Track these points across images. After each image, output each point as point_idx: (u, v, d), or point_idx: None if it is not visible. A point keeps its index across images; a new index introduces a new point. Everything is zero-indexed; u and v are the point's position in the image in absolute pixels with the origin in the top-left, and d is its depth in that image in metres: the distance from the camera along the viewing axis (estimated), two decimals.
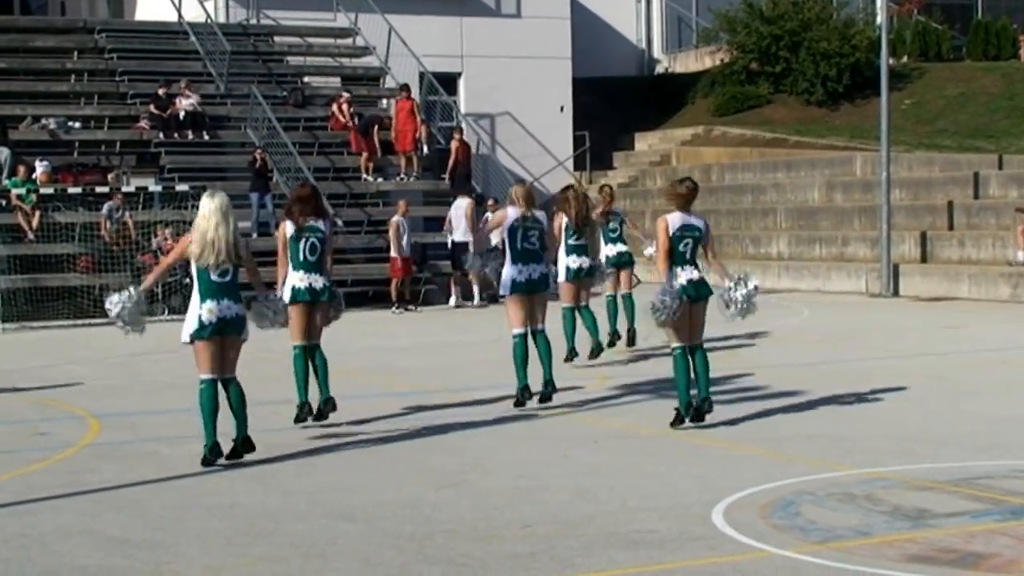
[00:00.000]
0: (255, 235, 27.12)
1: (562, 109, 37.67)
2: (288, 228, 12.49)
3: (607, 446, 11.61)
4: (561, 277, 15.38)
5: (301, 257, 12.40)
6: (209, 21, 32.67)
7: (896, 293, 26.28)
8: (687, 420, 12.08)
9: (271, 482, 10.39)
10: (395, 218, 26.64)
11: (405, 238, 26.45)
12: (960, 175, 28.99)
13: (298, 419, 12.56)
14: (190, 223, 23.80)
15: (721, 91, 39.70)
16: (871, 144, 31.85)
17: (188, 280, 11.76)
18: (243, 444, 11.00)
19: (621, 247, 18.10)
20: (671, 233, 12.00)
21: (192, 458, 11.10)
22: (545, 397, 13.25)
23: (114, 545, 8.53)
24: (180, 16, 33.19)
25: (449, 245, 27.42)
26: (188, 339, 10.86)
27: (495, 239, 15.05)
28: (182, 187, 26.09)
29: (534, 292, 13.18)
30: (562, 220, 15.80)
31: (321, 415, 12.63)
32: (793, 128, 36.92)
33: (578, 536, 8.49)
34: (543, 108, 37.14)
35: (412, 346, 19.74)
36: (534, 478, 10.30)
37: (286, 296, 12.26)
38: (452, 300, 27.03)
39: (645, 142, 39.38)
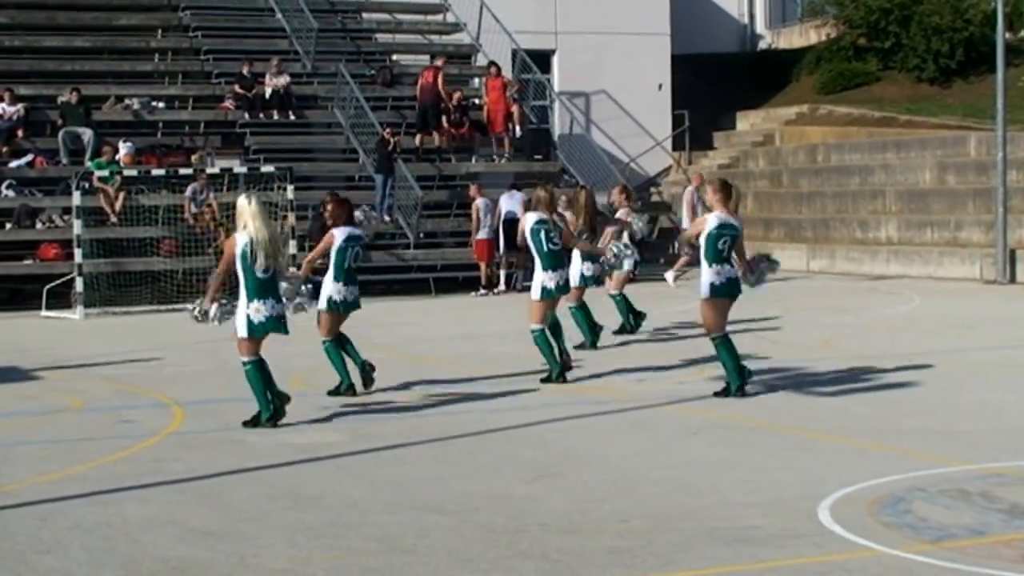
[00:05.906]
0: (378, 216, 26.75)
1: (660, 87, 37.23)
2: (339, 236, 13.38)
3: (707, 438, 11.40)
4: (574, 282, 16.31)
5: (345, 265, 13.40)
6: None
7: (1012, 280, 25.75)
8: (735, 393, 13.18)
9: (359, 473, 10.29)
10: (477, 201, 26.58)
11: (487, 220, 26.27)
12: None
13: (336, 392, 13.60)
14: (275, 205, 24.02)
15: (827, 68, 39.09)
16: (986, 123, 31.10)
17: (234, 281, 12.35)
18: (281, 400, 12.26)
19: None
20: (710, 230, 13.05)
21: (279, 447, 11.25)
22: (565, 366, 14.50)
23: (197, 536, 8.43)
24: None
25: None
26: (245, 335, 11.94)
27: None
28: (267, 168, 25.70)
29: (560, 295, 14.82)
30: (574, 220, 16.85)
31: (368, 377, 13.69)
32: (903, 106, 36.15)
33: (677, 531, 8.31)
34: (641, 86, 36.59)
35: (505, 333, 19.34)
36: (630, 471, 10.13)
37: (323, 303, 13.44)
38: (500, 285, 26.50)
39: (747, 121, 38.68)
